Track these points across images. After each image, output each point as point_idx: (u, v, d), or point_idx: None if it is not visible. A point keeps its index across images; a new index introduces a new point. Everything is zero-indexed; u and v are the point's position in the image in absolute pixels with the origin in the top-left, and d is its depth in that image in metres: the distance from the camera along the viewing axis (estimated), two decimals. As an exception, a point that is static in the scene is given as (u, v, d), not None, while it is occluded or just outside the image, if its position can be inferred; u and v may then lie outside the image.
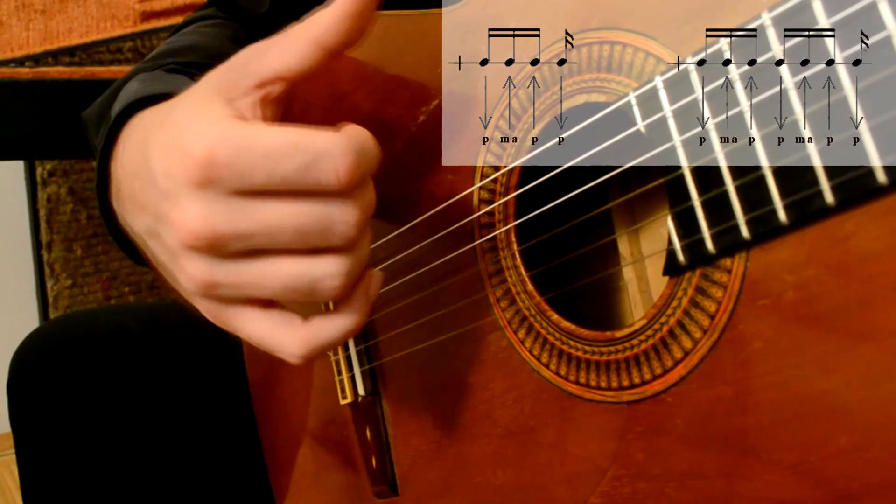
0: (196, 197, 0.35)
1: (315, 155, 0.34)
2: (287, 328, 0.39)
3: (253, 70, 0.37)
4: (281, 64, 0.37)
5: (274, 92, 0.38)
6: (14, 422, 0.66)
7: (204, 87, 0.39)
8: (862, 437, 0.29)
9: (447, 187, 0.46)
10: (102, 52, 1.34)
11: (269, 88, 0.38)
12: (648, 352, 0.36)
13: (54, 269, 1.41)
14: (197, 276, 0.37)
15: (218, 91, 0.38)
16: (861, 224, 0.29)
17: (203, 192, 0.35)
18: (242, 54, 0.39)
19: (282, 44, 0.37)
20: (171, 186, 0.36)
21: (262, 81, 0.37)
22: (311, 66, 0.37)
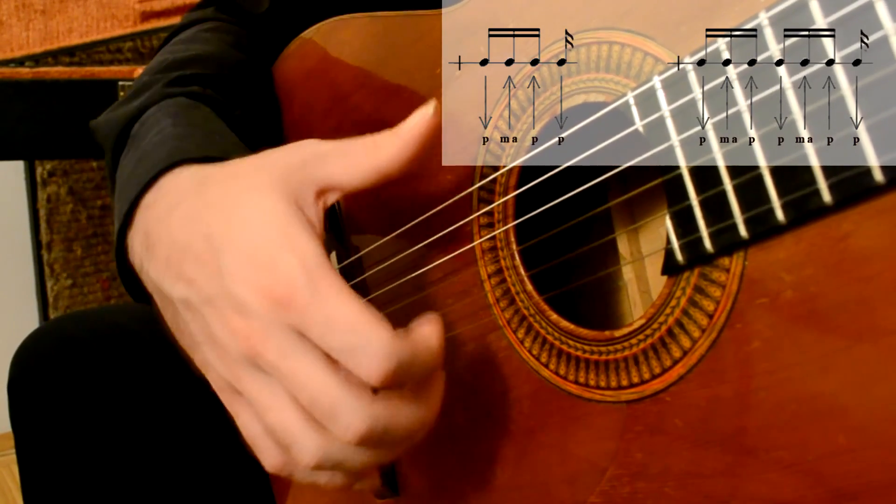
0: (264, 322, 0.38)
1: (363, 344, 0.37)
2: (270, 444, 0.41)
3: (317, 178, 0.41)
4: (344, 180, 0.41)
5: (331, 200, 0.42)
6: (14, 422, 0.66)
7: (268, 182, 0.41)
8: (860, 436, 0.29)
9: (447, 187, 0.46)
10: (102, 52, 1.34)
11: (328, 196, 0.42)
12: (647, 351, 0.36)
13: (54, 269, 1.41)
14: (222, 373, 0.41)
15: (287, 195, 0.40)
16: (859, 223, 0.29)
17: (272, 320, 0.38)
18: (300, 154, 0.42)
19: (346, 160, 0.41)
20: (244, 299, 0.38)
21: (324, 190, 0.41)
22: (369, 186, 0.41)
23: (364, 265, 0.54)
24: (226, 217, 0.40)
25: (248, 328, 0.38)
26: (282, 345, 0.38)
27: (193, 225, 0.42)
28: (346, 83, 0.54)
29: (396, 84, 0.50)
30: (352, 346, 0.36)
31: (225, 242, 0.40)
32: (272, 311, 0.37)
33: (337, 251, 0.55)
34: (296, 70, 0.59)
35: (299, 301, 0.37)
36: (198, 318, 0.41)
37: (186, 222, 0.43)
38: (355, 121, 0.53)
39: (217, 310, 0.40)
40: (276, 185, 0.40)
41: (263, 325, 0.38)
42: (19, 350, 0.67)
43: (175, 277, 0.42)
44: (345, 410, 0.37)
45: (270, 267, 0.38)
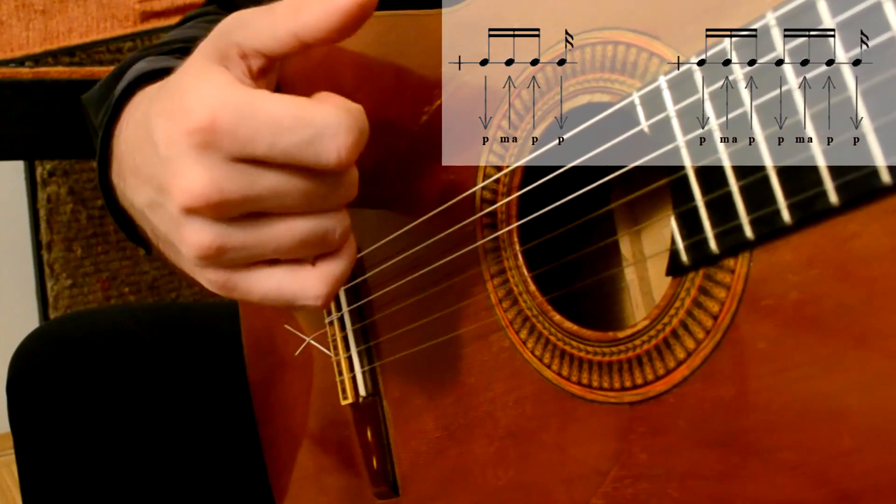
0: (198, 161, 0.35)
1: (318, 131, 0.34)
2: (301, 274, 0.39)
3: (236, 40, 0.37)
4: (260, 43, 0.37)
5: (255, 65, 0.38)
6: (14, 422, 0.66)
7: (197, 55, 0.39)
8: (865, 437, 0.29)
9: (450, 187, 0.46)
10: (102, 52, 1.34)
11: (251, 61, 0.38)
12: (651, 352, 0.36)
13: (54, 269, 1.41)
14: (202, 243, 0.37)
15: (211, 57, 0.37)
16: (865, 224, 0.29)
17: (204, 157, 0.34)
18: (227, 22, 0.38)
19: (264, 22, 0.37)
20: (172, 152, 0.35)
21: (245, 53, 0.37)
22: (287, 53, 0.37)
23: (365, 265, 0.54)
24: (162, 105, 0.37)
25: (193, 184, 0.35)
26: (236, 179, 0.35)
27: (140, 125, 0.40)
28: (348, 81, 0.54)
29: (398, 83, 0.50)
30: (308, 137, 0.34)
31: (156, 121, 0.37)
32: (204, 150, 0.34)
33: None
34: (296, 69, 0.59)
35: (224, 123, 0.34)
36: (162, 212, 0.38)
37: (136, 127, 0.41)
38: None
39: (166, 189, 0.36)
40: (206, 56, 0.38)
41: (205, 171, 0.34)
42: (19, 350, 0.67)
43: (136, 182, 0.40)
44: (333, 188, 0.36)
45: (185, 109, 0.35)
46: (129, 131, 0.42)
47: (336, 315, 0.56)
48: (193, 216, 0.36)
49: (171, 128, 0.35)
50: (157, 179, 0.37)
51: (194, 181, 0.35)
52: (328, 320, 0.57)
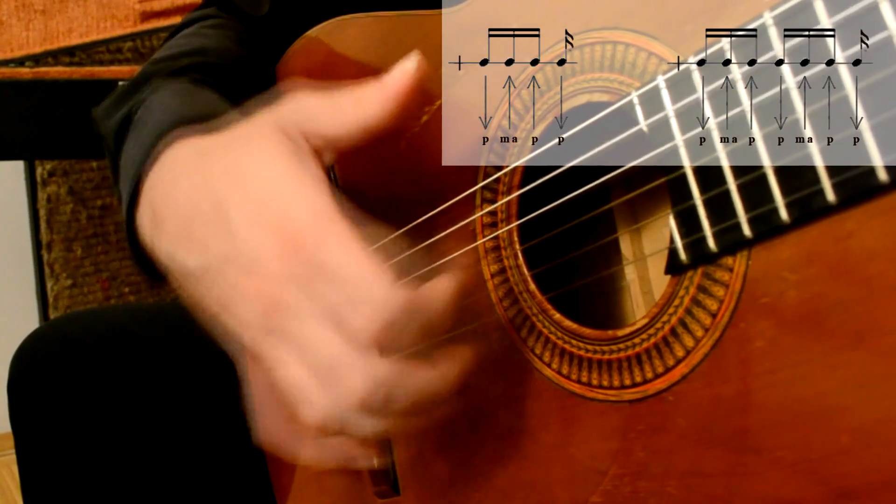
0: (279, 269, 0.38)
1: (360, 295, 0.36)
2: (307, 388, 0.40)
3: (305, 130, 0.41)
4: (331, 135, 0.41)
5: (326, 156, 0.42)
6: (14, 422, 0.65)
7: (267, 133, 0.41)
8: (862, 435, 0.29)
9: (450, 187, 0.46)
10: (102, 52, 1.34)
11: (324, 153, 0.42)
12: (650, 350, 0.36)
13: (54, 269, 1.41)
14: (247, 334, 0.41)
15: (288, 149, 0.40)
16: (862, 222, 0.29)
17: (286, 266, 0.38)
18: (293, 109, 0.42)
19: (330, 116, 0.41)
20: (257, 253, 0.38)
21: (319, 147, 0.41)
22: (356, 142, 0.41)
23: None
24: (232, 179, 0.40)
25: (267, 282, 0.38)
26: (297, 287, 0.37)
27: (200, 192, 0.42)
28: (350, 82, 0.54)
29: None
30: (350, 298, 0.36)
31: (233, 201, 0.40)
32: (283, 258, 0.37)
33: None
34: (299, 68, 0.59)
35: (307, 246, 0.37)
36: (216, 280, 0.41)
37: (192, 191, 0.42)
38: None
39: (232, 271, 0.40)
40: (276, 143, 0.40)
41: (280, 273, 0.38)
42: (19, 350, 0.67)
43: (187, 246, 0.42)
44: (344, 370, 0.37)
45: (280, 212, 0.38)
46: (177, 192, 0.44)
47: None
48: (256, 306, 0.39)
49: (258, 225, 0.38)
50: (220, 255, 0.40)
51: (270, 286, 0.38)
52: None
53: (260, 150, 0.41)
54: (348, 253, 0.37)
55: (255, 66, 0.64)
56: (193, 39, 0.64)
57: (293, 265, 0.37)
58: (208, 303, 0.43)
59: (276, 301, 0.38)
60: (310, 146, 0.41)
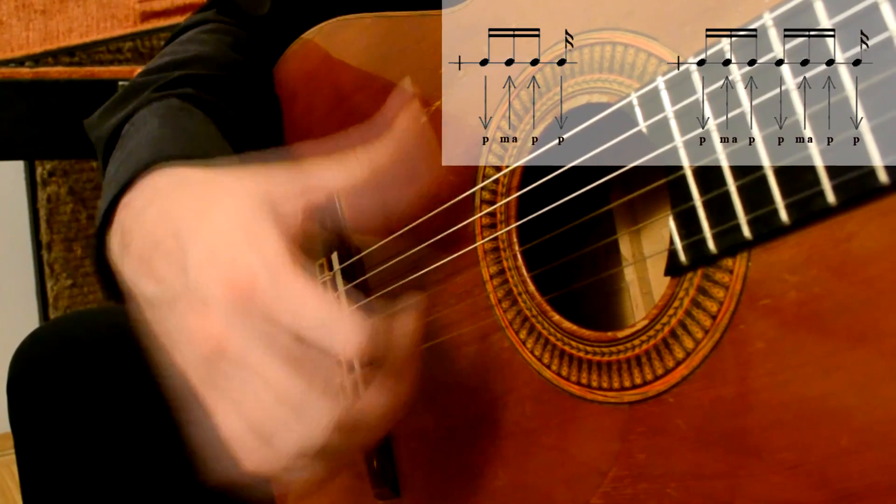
0: (225, 317, 0.38)
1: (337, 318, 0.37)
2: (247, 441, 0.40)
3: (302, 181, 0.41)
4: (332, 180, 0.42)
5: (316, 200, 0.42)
6: (14, 422, 0.65)
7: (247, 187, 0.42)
8: (863, 437, 0.29)
9: (449, 188, 0.46)
10: (102, 52, 1.34)
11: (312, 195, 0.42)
12: (650, 352, 0.36)
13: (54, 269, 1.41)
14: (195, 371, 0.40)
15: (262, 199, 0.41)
16: (862, 224, 0.29)
17: (233, 314, 0.38)
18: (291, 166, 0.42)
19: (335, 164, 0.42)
20: (206, 294, 0.38)
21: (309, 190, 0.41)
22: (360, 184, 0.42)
23: (366, 266, 0.54)
24: (197, 215, 0.41)
25: (210, 325, 0.38)
26: (244, 339, 0.38)
27: (166, 222, 0.42)
28: (348, 83, 0.54)
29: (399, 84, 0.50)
30: (324, 321, 0.37)
31: (192, 238, 0.40)
32: (234, 303, 0.38)
33: (339, 251, 0.55)
34: (297, 70, 0.59)
35: (260, 291, 0.37)
36: (167, 315, 0.41)
37: (159, 219, 0.43)
38: (357, 121, 0.53)
39: (181, 307, 0.40)
40: (254, 192, 0.41)
41: (226, 319, 0.38)
42: (19, 350, 0.67)
43: (147, 275, 0.43)
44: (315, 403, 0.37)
45: (231, 261, 0.38)
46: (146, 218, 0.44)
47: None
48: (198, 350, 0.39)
49: (209, 268, 0.39)
50: (173, 293, 0.40)
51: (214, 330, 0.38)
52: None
53: (231, 196, 0.41)
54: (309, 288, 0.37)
55: (252, 70, 0.64)
56: (189, 46, 0.64)
57: (247, 307, 0.38)
58: (160, 334, 0.43)
59: (228, 334, 0.38)
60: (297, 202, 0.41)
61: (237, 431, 0.41)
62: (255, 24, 0.68)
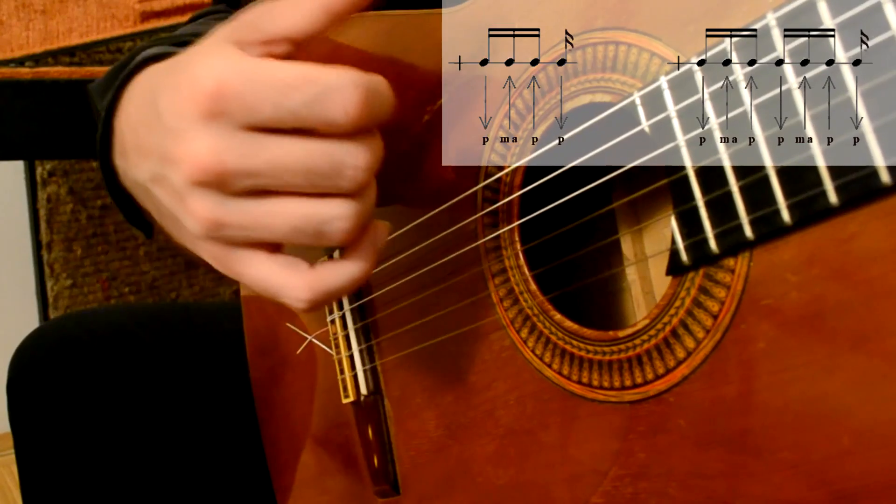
0: (204, 130, 0.35)
1: (324, 88, 0.34)
2: (293, 272, 0.38)
3: (261, 26, 0.37)
4: (288, 25, 0.37)
5: (278, 51, 0.37)
6: (14, 422, 0.65)
7: (212, 37, 0.38)
8: (864, 437, 0.29)
9: (451, 187, 0.46)
10: (102, 52, 1.34)
11: (274, 47, 0.37)
12: (651, 351, 0.36)
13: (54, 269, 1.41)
14: (203, 215, 0.36)
15: (226, 39, 0.37)
16: (865, 224, 0.29)
17: (211, 125, 0.34)
18: (250, 11, 0.38)
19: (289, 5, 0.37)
20: (178, 122, 0.35)
21: (269, 39, 0.37)
22: (317, 29, 0.37)
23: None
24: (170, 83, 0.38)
25: (199, 153, 0.35)
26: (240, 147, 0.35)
27: (148, 104, 0.39)
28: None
29: (401, 83, 0.50)
30: (314, 95, 0.34)
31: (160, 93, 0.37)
32: (210, 118, 0.34)
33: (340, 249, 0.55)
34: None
35: (230, 89, 0.34)
36: (164, 186, 0.38)
37: (141, 104, 0.41)
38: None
39: (171, 160, 0.36)
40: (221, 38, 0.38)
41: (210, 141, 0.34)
42: (19, 350, 0.67)
43: (139, 158, 0.40)
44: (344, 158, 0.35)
45: (192, 79, 0.35)
46: (131, 107, 0.42)
47: (338, 313, 0.56)
48: (197, 187, 0.36)
49: (176, 97, 0.35)
50: (161, 150, 0.37)
51: (199, 151, 0.35)
52: (330, 318, 0.57)
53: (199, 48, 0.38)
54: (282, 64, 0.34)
55: None
56: (197, 27, 0.64)
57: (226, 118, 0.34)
58: (168, 213, 0.40)
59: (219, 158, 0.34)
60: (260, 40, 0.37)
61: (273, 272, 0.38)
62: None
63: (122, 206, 0.50)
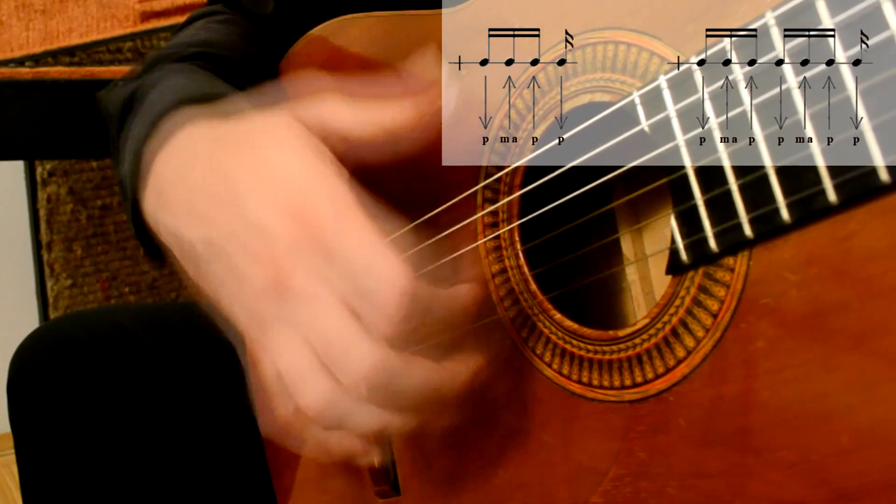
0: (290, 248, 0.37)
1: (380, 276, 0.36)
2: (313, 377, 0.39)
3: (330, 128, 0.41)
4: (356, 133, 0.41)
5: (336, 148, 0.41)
6: (14, 422, 0.65)
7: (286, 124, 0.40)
8: (864, 436, 0.29)
9: (451, 186, 0.46)
10: (102, 52, 1.34)
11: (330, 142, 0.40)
12: (651, 351, 0.36)
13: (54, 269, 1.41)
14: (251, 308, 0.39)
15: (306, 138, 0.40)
16: (864, 223, 0.29)
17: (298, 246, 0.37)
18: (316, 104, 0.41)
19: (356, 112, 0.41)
20: (266, 222, 0.37)
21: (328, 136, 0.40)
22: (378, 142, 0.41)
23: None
24: (240, 152, 0.40)
25: (272, 251, 0.37)
26: (308, 267, 0.37)
27: (208, 166, 0.41)
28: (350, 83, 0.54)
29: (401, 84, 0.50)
30: (366, 285, 0.36)
31: (242, 175, 0.39)
32: (296, 229, 0.36)
33: None
34: (302, 67, 0.59)
35: (323, 223, 0.36)
36: (221, 255, 0.40)
37: (202, 165, 0.42)
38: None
39: (239, 240, 0.39)
40: (297, 135, 0.40)
41: (288, 245, 0.37)
42: (19, 350, 0.67)
43: (194, 220, 0.41)
44: (352, 352, 0.36)
45: (295, 192, 0.37)
46: (190, 174, 0.43)
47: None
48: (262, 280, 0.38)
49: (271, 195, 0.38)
50: (229, 230, 0.39)
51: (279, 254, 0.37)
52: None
53: (279, 141, 0.40)
54: (367, 241, 0.36)
55: (261, 62, 0.64)
56: (200, 33, 0.64)
57: (305, 245, 0.36)
58: (209, 279, 0.41)
59: (283, 276, 0.37)
60: (321, 134, 0.40)
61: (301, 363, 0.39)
62: (259, 23, 0.68)
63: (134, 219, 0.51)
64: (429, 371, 0.38)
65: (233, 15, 0.69)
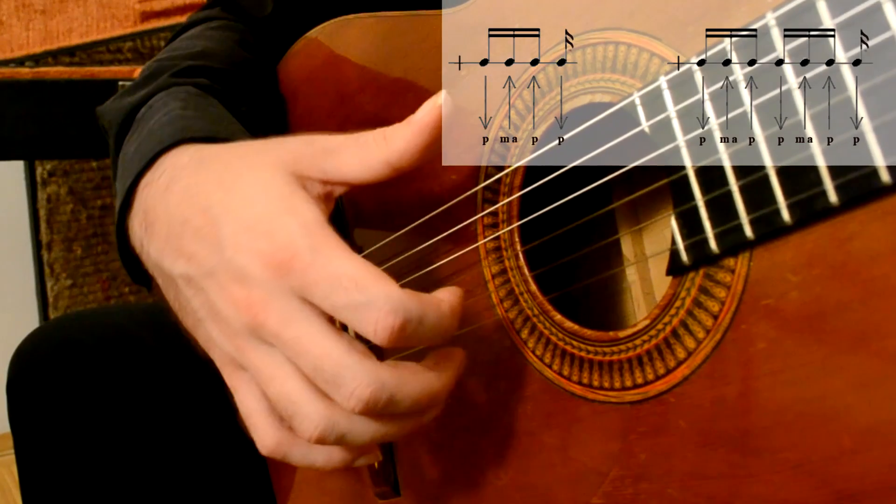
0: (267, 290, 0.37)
1: (367, 300, 0.36)
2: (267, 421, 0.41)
3: (325, 168, 0.41)
4: (351, 174, 0.41)
5: (337, 192, 0.42)
6: (14, 422, 0.65)
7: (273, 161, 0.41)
8: (864, 437, 0.29)
9: (451, 187, 0.46)
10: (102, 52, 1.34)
11: (335, 188, 0.42)
12: (651, 352, 0.36)
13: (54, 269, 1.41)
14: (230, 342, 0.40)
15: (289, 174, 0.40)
16: (864, 224, 0.29)
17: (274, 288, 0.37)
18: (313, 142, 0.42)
19: (355, 153, 0.40)
20: (244, 267, 0.38)
21: (330, 181, 0.41)
22: (378, 180, 0.41)
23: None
24: (225, 190, 0.40)
25: (249, 297, 0.38)
26: (284, 311, 0.37)
27: (192, 199, 0.42)
28: (351, 82, 0.54)
29: (401, 84, 0.50)
30: (356, 302, 0.36)
31: (224, 214, 0.40)
32: (273, 276, 0.37)
33: None
34: (301, 69, 0.59)
35: (300, 263, 0.37)
36: (199, 293, 0.41)
37: (184, 197, 0.42)
38: (360, 120, 0.53)
39: (218, 282, 0.39)
40: (280, 166, 0.40)
41: (265, 291, 0.37)
42: (18, 350, 0.67)
43: (175, 254, 0.42)
44: (349, 375, 0.36)
45: (270, 233, 0.38)
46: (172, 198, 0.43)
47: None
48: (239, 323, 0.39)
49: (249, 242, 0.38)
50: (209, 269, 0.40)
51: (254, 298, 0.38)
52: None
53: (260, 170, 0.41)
54: (346, 260, 0.36)
55: (258, 68, 0.64)
56: (196, 42, 0.64)
57: (285, 280, 0.37)
58: (191, 309, 0.42)
59: (267, 305, 0.37)
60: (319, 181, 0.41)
61: (255, 411, 0.40)
62: (257, 24, 0.68)
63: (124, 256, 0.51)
64: (422, 378, 0.39)
65: (230, 20, 0.69)
